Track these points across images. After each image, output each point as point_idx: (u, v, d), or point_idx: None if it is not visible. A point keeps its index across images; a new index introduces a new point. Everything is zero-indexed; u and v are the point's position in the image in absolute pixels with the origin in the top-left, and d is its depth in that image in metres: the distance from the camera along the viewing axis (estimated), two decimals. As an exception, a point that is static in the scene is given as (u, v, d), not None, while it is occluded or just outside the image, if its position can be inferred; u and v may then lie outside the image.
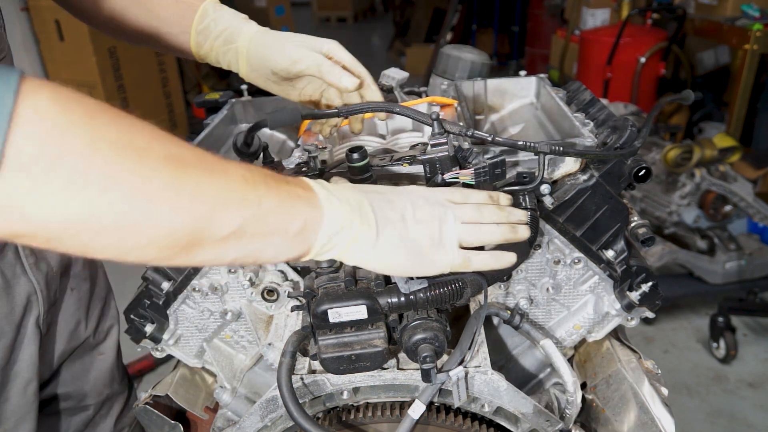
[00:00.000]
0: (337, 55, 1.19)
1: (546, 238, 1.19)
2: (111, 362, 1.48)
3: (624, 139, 1.12)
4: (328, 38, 1.21)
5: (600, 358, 1.29)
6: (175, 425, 1.23)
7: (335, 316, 0.96)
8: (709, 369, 3.42)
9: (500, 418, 1.09)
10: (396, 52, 9.45)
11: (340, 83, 1.14)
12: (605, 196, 1.15)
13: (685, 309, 3.83)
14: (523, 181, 1.08)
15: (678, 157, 3.50)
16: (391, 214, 0.85)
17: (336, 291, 0.97)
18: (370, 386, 1.06)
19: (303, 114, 1.15)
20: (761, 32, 3.92)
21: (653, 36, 4.73)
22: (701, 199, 3.56)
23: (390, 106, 1.17)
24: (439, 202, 0.90)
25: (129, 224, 0.64)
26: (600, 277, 1.22)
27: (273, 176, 0.77)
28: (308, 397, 1.06)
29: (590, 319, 1.26)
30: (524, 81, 1.54)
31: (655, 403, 1.13)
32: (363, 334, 0.99)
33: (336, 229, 0.80)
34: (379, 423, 1.08)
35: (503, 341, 1.36)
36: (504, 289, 1.23)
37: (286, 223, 0.76)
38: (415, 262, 0.87)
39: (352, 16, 12.92)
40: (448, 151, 1.03)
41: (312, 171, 1.12)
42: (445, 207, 0.90)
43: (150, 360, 3.37)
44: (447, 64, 1.55)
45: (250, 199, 0.72)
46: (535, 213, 1.09)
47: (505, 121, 1.53)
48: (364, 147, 1.03)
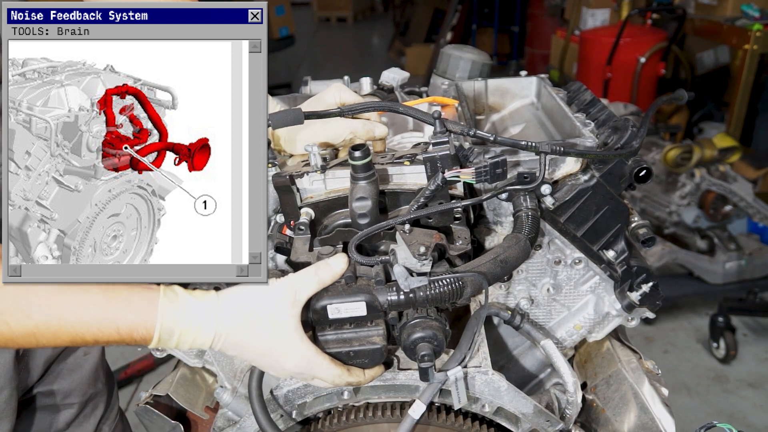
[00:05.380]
0: (347, 99, 1.25)
1: (546, 238, 1.19)
2: (96, 362, 1.48)
3: (625, 139, 1.12)
4: (331, 84, 1.30)
5: (600, 358, 1.29)
6: (175, 425, 1.23)
7: (334, 311, 0.96)
8: (709, 369, 3.41)
9: (500, 419, 1.09)
10: (396, 52, 9.45)
11: (377, 136, 1.24)
12: (606, 197, 1.15)
13: (685, 309, 3.83)
14: (524, 181, 1.08)
15: (678, 157, 3.50)
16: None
17: (336, 287, 0.97)
18: (371, 386, 1.06)
19: (306, 114, 1.15)
20: (761, 32, 3.92)
21: (653, 36, 4.73)
22: (701, 199, 3.56)
23: (392, 106, 1.17)
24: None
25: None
26: (600, 277, 1.22)
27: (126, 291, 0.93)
28: (309, 397, 1.06)
29: (591, 320, 1.26)
30: (525, 81, 1.54)
31: (655, 403, 1.13)
32: (362, 331, 0.99)
33: (166, 336, 0.92)
34: (379, 423, 1.08)
35: (503, 341, 1.36)
36: (504, 289, 1.23)
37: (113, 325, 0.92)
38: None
39: (352, 16, 12.91)
40: (450, 150, 1.03)
41: (313, 169, 1.12)
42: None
43: (150, 360, 3.37)
44: (447, 64, 1.55)
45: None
46: (535, 213, 1.09)
47: (506, 121, 1.53)
48: (367, 145, 1.03)
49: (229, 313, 0.94)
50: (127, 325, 0.91)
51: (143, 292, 0.93)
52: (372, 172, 1.04)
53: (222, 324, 0.94)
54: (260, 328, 0.94)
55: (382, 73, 1.51)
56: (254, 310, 0.94)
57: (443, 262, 1.04)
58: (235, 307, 0.95)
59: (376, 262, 0.98)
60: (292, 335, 0.95)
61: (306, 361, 0.97)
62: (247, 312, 0.94)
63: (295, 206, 1.12)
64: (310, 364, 0.97)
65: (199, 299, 0.95)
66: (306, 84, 1.66)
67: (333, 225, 1.12)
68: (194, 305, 0.94)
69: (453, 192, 1.12)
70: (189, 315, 0.93)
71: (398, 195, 1.12)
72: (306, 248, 1.06)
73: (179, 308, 0.93)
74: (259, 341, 0.95)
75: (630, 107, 3.86)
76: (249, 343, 0.95)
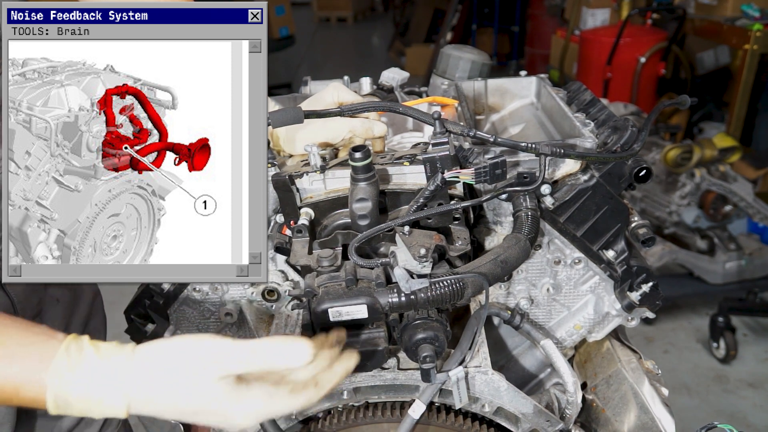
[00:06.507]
0: (346, 99, 1.24)
1: (546, 238, 1.19)
2: None
3: (624, 139, 1.12)
4: (329, 84, 1.29)
5: (600, 358, 1.29)
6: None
7: (336, 315, 0.96)
8: (709, 369, 3.42)
9: (500, 418, 1.09)
10: (396, 52, 9.45)
11: (375, 135, 1.22)
12: (606, 197, 1.15)
13: (685, 309, 3.83)
14: (524, 181, 1.08)
15: (678, 157, 3.50)
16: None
17: (337, 290, 0.97)
18: (371, 386, 1.06)
19: (305, 113, 1.15)
20: (761, 32, 3.92)
21: (653, 36, 4.73)
22: (701, 199, 3.56)
23: (392, 106, 1.17)
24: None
25: None
26: (600, 277, 1.22)
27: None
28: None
29: (590, 320, 1.26)
30: (525, 81, 1.54)
31: (655, 403, 1.13)
32: (363, 334, 0.99)
33: (63, 404, 0.79)
34: (380, 423, 1.08)
35: (503, 341, 1.36)
36: (504, 289, 1.23)
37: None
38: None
39: (352, 16, 12.91)
40: (449, 151, 1.03)
41: (313, 169, 1.12)
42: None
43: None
44: (447, 64, 1.55)
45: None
46: (535, 213, 1.09)
47: (506, 121, 1.53)
48: (367, 146, 1.03)
49: (144, 377, 0.80)
50: (11, 380, 0.78)
51: (42, 342, 0.80)
52: (372, 173, 1.04)
53: (135, 391, 0.79)
54: (184, 396, 0.80)
55: (382, 73, 1.51)
56: (176, 377, 0.80)
57: (443, 263, 1.04)
58: (152, 369, 0.80)
59: (377, 264, 0.98)
60: (221, 401, 0.81)
61: (255, 415, 0.83)
62: (168, 377, 0.80)
63: (294, 206, 1.12)
64: (259, 414, 0.84)
65: (105, 358, 0.79)
66: (306, 84, 1.66)
67: (332, 226, 1.12)
68: (98, 367, 0.79)
69: (453, 192, 1.12)
70: (91, 380, 0.78)
71: (398, 195, 1.12)
72: (305, 251, 1.06)
73: (78, 370, 0.78)
74: (184, 407, 0.81)
75: (630, 107, 3.86)
76: (169, 410, 0.81)
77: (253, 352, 0.82)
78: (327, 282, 0.98)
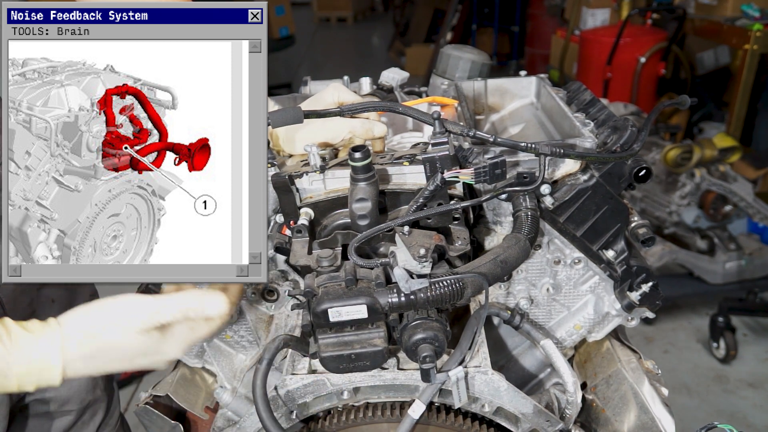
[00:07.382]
0: (345, 99, 1.25)
1: (546, 238, 1.19)
2: None
3: (624, 139, 1.12)
4: (329, 85, 1.31)
5: (600, 358, 1.29)
6: (175, 425, 1.23)
7: (335, 315, 0.96)
8: (709, 369, 3.42)
9: (500, 418, 1.09)
10: (396, 52, 9.45)
11: (375, 135, 1.22)
12: (605, 197, 1.15)
13: (685, 309, 3.84)
14: (524, 181, 1.08)
15: (678, 157, 3.50)
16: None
17: (336, 290, 0.97)
18: (371, 386, 1.06)
19: (305, 113, 1.15)
20: (761, 32, 3.92)
21: (653, 36, 4.73)
22: (701, 199, 3.56)
23: (392, 106, 1.17)
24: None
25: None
26: (600, 277, 1.22)
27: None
28: (309, 397, 1.06)
29: (590, 319, 1.26)
30: (524, 81, 1.54)
31: (655, 403, 1.13)
32: (363, 333, 0.99)
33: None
34: (379, 423, 1.08)
35: (503, 341, 1.36)
36: (504, 289, 1.23)
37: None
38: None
39: (352, 16, 12.91)
40: (449, 151, 1.03)
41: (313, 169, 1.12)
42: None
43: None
44: (447, 64, 1.55)
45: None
46: (535, 213, 1.09)
47: (506, 121, 1.53)
48: (367, 147, 1.03)
49: (74, 341, 0.89)
50: None
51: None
52: (372, 173, 1.04)
53: (69, 355, 0.89)
54: (113, 350, 0.91)
55: (382, 73, 1.51)
56: (102, 335, 0.90)
57: (443, 263, 1.04)
58: (81, 333, 0.90)
59: (376, 264, 0.98)
60: (149, 345, 0.92)
61: (182, 345, 0.95)
62: (95, 337, 0.90)
63: (294, 206, 1.12)
64: (186, 343, 0.95)
65: (34, 332, 0.89)
66: (306, 84, 1.66)
67: (332, 226, 1.12)
68: (29, 341, 0.88)
69: (452, 192, 1.12)
70: (25, 353, 0.87)
71: (398, 195, 1.12)
72: (305, 251, 1.06)
73: (10, 346, 0.86)
74: (117, 361, 0.92)
75: (630, 107, 3.86)
76: (104, 367, 0.92)
77: (170, 302, 0.92)
78: (327, 282, 0.98)
